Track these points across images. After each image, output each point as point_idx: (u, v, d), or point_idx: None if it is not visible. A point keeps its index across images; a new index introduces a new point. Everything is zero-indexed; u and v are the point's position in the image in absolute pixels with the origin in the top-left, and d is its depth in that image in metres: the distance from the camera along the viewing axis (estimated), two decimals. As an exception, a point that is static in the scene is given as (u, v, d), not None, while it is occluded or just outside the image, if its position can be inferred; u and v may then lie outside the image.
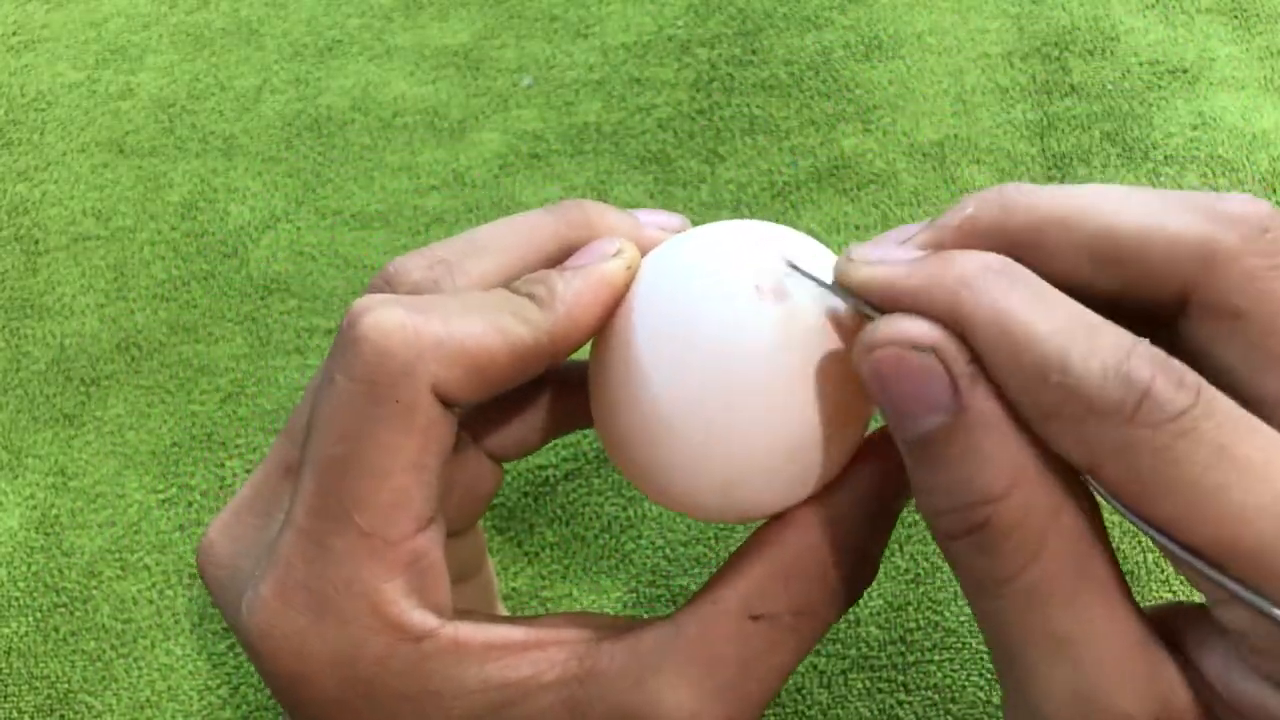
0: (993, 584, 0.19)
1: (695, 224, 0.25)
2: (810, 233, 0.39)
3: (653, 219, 0.26)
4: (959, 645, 0.31)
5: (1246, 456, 0.17)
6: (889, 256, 0.20)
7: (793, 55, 0.43)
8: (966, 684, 0.30)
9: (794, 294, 0.21)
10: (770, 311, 0.21)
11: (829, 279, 0.21)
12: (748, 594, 0.22)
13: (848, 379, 0.21)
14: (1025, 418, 0.19)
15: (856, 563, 0.22)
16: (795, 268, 0.21)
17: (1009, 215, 0.20)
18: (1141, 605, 0.19)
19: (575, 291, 0.23)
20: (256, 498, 0.24)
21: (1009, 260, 0.19)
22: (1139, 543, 0.31)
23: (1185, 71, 0.40)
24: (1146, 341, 0.18)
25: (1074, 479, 0.19)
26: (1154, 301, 0.20)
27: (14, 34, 0.47)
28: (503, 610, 0.29)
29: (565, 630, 0.22)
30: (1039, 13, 0.42)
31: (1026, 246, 0.20)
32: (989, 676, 0.30)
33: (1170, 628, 0.20)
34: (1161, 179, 0.38)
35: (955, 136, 0.40)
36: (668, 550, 0.33)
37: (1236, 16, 0.41)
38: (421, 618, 0.21)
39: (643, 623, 0.22)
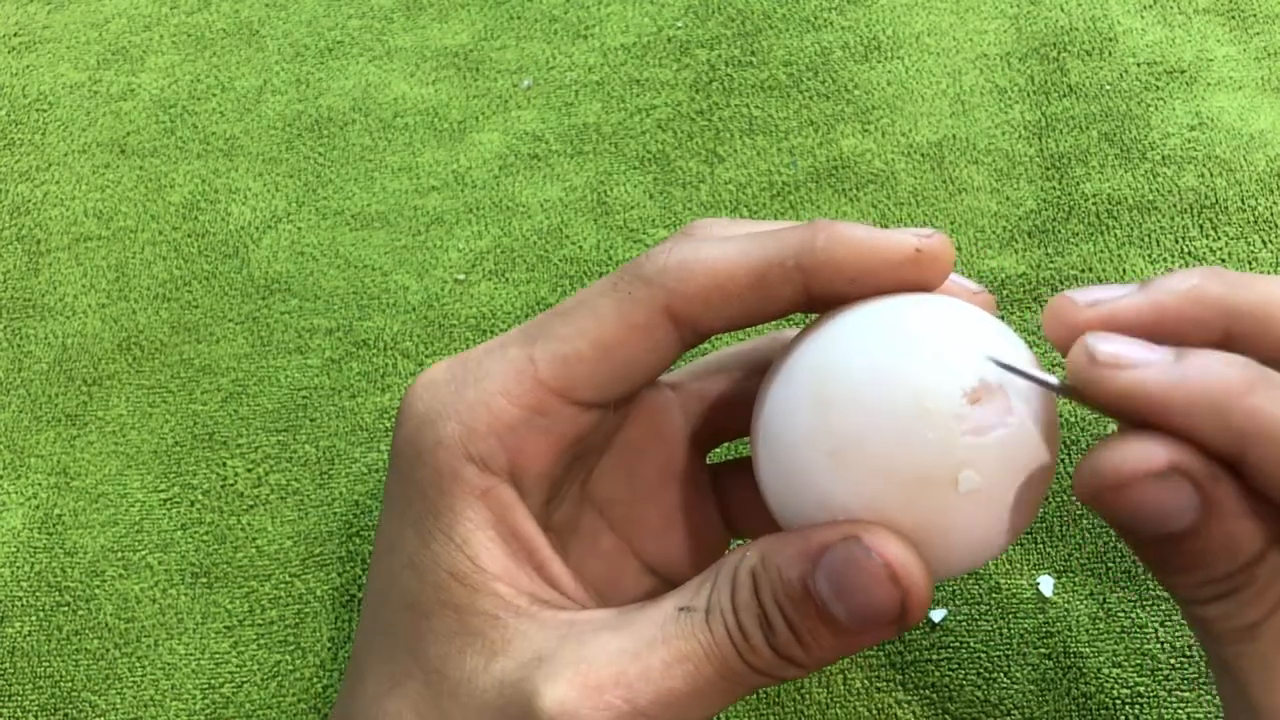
0: (1238, 630, 0.20)
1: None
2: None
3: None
4: (956, 645, 0.31)
5: None
6: (1139, 357, 0.19)
7: (792, 56, 0.43)
8: (964, 683, 0.31)
9: (999, 391, 0.20)
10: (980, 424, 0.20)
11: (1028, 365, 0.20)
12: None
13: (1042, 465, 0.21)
14: None
15: None
16: (1011, 368, 0.20)
17: (1235, 291, 0.20)
18: None
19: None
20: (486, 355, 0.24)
21: (1266, 369, 0.19)
22: None
23: (1183, 72, 0.40)
24: None
25: None
26: None
27: (16, 35, 0.47)
28: None
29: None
30: (1037, 14, 0.43)
31: (1246, 330, 0.20)
32: (986, 675, 0.31)
33: None
34: (1159, 179, 0.38)
35: (953, 137, 0.40)
36: (667, 549, 0.33)
37: (1234, 17, 0.42)
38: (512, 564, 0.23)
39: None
